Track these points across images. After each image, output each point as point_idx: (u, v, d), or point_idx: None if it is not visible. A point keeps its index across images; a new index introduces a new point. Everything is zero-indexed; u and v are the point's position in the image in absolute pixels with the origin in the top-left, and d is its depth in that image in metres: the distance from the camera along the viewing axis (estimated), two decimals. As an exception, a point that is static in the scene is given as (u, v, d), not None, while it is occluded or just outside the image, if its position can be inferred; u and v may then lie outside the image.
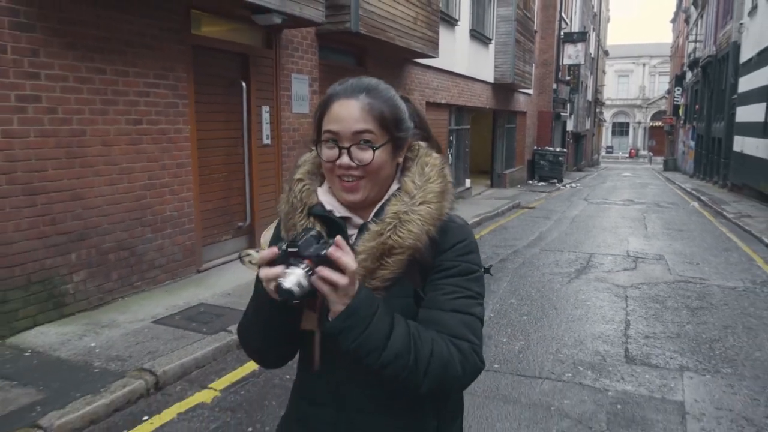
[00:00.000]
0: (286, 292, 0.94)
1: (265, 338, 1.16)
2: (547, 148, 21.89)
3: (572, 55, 24.72)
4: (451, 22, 12.23)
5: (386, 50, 8.99)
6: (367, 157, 1.10)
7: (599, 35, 40.80)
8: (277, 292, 0.97)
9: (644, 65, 60.71)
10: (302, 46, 7.30)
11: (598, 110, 46.39)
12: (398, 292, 1.11)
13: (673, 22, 47.16)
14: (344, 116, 1.10)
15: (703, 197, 16.00)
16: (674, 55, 44.07)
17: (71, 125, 4.50)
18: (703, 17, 27.23)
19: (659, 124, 53.18)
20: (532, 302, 5.66)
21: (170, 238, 5.56)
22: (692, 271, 7.15)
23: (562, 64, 24.51)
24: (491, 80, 15.57)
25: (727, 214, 12.35)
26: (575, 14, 29.15)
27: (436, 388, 1.06)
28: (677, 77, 36.16)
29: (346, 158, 1.10)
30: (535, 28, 19.22)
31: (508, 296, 5.84)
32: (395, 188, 1.17)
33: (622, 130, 64.51)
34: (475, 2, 13.88)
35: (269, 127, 6.89)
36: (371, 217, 1.14)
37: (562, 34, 24.23)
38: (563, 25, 24.73)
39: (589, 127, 38.27)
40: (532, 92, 20.77)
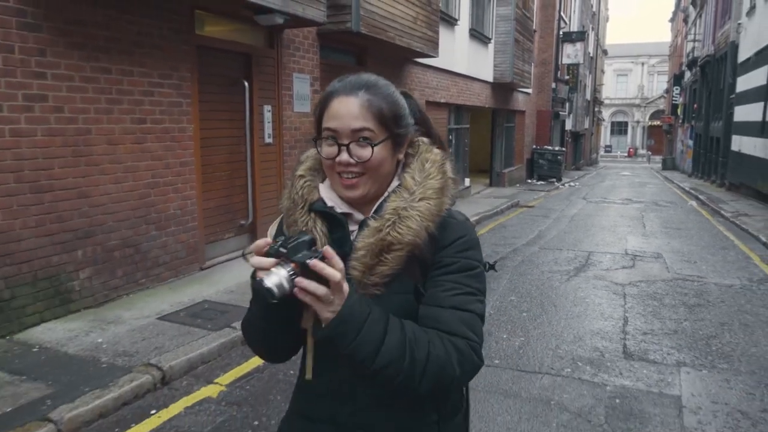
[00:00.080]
0: (265, 290, 0.95)
1: (266, 334, 1.17)
2: (546, 147, 21.96)
3: (571, 54, 24.79)
4: (450, 21, 12.28)
5: (386, 50, 9.05)
6: (366, 153, 1.10)
7: (598, 34, 40.88)
8: (257, 287, 0.97)
9: (643, 64, 60.83)
10: (303, 45, 7.36)
11: (596, 109, 46.48)
12: (398, 288, 1.11)
13: (671, 21, 47.22)
14: (343, 113, 1.10)
15: (701, 196, 16.08)
16: (673, 54, 44.14)
17: (77, 124, 4.56)
18: (701, 17, 27.30)
19: (658, 123, 53.32)
20: (531, 299, 5.72)
21: (174, 235, 5.62)
22: (690, 269, 7.22)
23: (561, 63, 24.58)
24: (490, 79, 15.62)
25: (724, 212, 12.42)
26: (574, 13, 29.21)
27: (434, 387, 1.07)
28: (676, 76, 36.23)
29: (345, 155, 1.10)
30: (534, 27, 19.27)
31: (507, 293, 5.91)
32: (396, 184, 1.16)
33: (620, 129, 64.65)
34: (474, 2, 13.93)
35: (271, 126, 6.95)
36: (371, 213, 1.15)
37: (561, 33, 24.29)
38: (562, 24, 24.78)
39: (587, 126, 38.36)
40: (531, 91, 20.83)
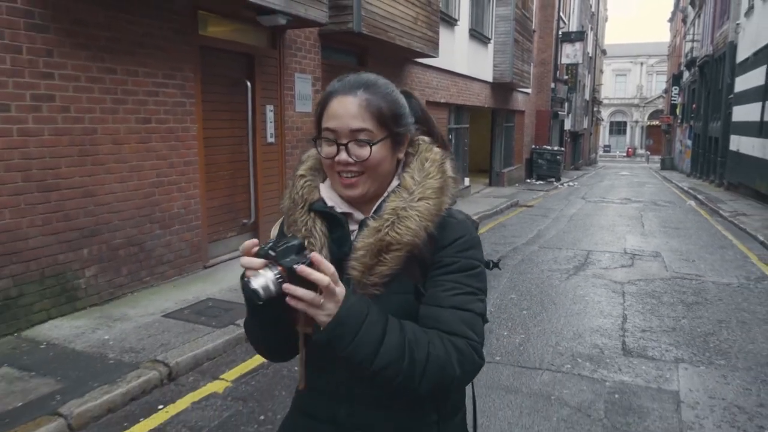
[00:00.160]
0: (251, 291, 0.95)
1: (262, 334, 1.18)
2: (545, 146, 22.03)
3: (570, 54, 24.87)
4: (450, 22, 12.35)
5: (387, 50, 9.10)
6: (364, 153, 1.09)
7: (597, 34, 40.96)
8: (243, 288, 0.97)
9: (642, 64, 60.92)
10: (305, 46, 7.42)
11: (595, 109, 46.58)
12: (397, 288, 1.10)
13: (670, 21, 47.29)
14: (342, 113, 1.10)
15: (699, 196, 16.15)
16: (671, 54, 44.22)
17: (83, 124, 4.61)
18: (700, 17, 27.37)
19: (656, 123, 53.39)
20: (531, 297, 5.78)
21: (178, 234, 5.67)
22: (688, 268, 7.29)
23: (560, 63, 24.66)
24: (490, 79, 15.69)
25: (723, 212, 12.48)
26: (573, 14, 29.29)
27: (434, 387, 1.06)
28: (674, 76, 36.30)
29: (344, 155, 1.10)
30: (533, 27, 19.34)
31: (508, 292, 5.97)
32: (395, 184, 1.16)
33: (619, 129, 64.77)
34: (474, 2, 14.00)
35: (273, 125, 7.00)
36: (371, 213, 1.14)
37: (560, 33, 24.37)
38: (561, 24, 24.85)
39: (586, 126, 38.46)
40: (530, 91, 20.91)
